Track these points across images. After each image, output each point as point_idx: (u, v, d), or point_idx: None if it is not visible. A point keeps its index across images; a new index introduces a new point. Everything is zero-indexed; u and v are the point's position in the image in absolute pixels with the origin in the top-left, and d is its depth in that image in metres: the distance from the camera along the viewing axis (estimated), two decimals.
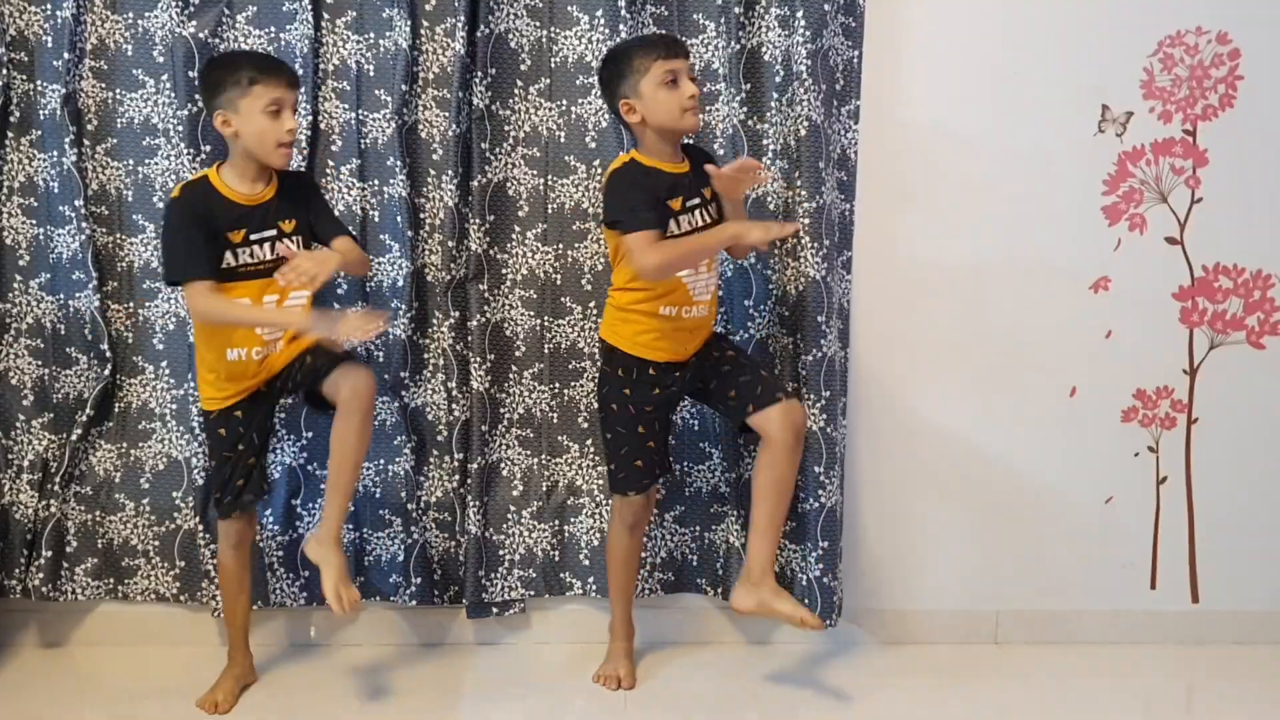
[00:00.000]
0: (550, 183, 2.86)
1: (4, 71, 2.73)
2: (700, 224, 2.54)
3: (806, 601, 2.74)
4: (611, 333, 2.62)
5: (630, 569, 2.79)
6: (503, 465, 2.92)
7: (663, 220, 2.49)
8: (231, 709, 2.63)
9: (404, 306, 2.82)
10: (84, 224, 2.77)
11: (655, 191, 2.50)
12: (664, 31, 2.74)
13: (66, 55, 2.72)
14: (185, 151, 2.74)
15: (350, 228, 2.81)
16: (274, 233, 2.48)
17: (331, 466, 2.51)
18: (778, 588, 2.59)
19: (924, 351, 2.91)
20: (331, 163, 2.79)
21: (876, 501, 2.96)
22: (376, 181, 2.81)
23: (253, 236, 2.45)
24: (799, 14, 2.68)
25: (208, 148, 2.75)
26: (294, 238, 2.51)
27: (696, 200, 2.55)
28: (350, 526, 2.86)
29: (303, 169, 2.74)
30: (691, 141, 2.69)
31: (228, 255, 2.43)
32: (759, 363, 2.70)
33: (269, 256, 2.46)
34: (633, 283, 2.54)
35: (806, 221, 2.70)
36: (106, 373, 2.82)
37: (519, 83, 2.82)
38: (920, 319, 2.90)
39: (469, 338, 2.85)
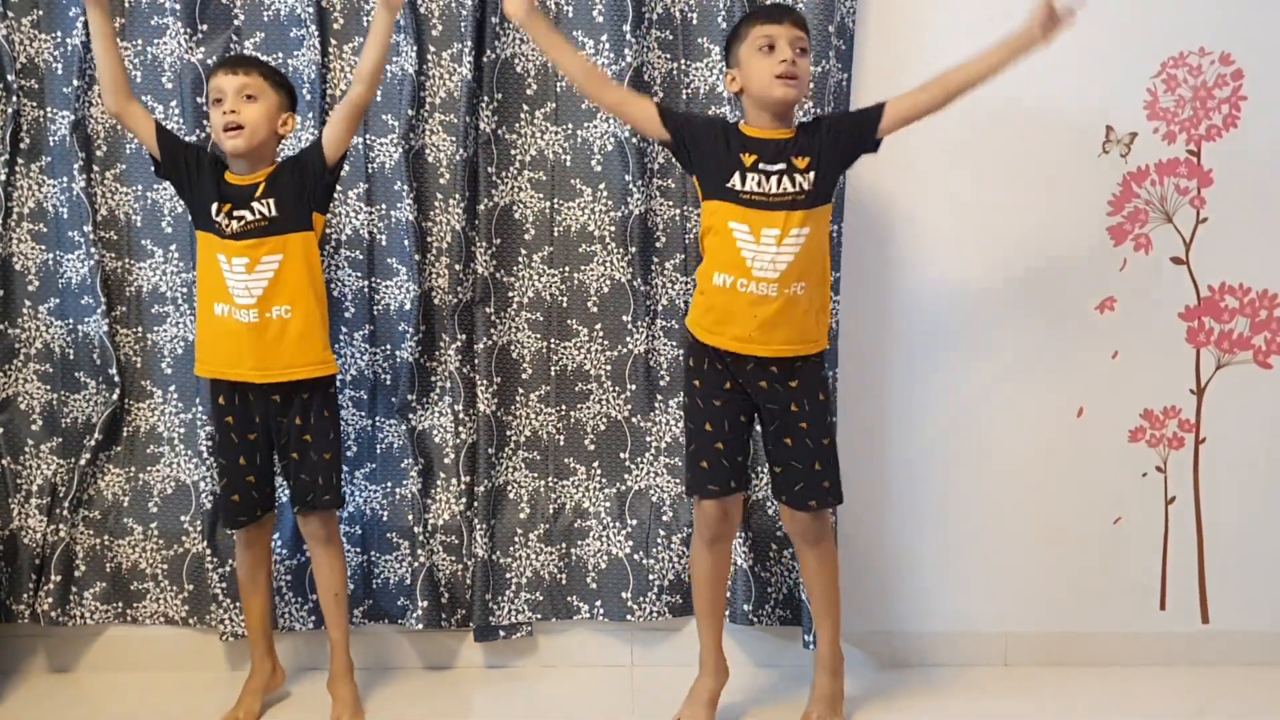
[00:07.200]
0: (556, 206, 2.87)
1: (14, 98, 2.76)
2: (775, 189, 2.36)
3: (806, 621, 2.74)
4: (689, 317, 2.53)
5: (712, 589, 2.60)
6: (509, 488, 2.93)
7: (726, 169, 2.39)
8: None
9: (411, 330, 2.83)
10: (93, 249, 2.79)
11: (720, 136, 2.40)
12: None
13: (76, 82, 2.75)
14: None
15: (358, 251, 2.83)
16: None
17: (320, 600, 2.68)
18: (828, 690, 2.62)
19: (932, 373, 2.91)
20: (339, 186, 2.80)
21: (883, 523, 2.95)
22: (384, 205, 2.83)
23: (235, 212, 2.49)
24: None
25: None
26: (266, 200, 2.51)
27: (780, 166, 2.37)
28: (358, 550, 2.87)
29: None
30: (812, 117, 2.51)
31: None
32: (821, 454, 2.50)
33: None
34: (703, 247, 2.47)
35: None
36: (115, 397, 2.83)
37: (525, 107, 2.84)
38: (927, 342, 2.90)
39: (475, 360, 2.86)
